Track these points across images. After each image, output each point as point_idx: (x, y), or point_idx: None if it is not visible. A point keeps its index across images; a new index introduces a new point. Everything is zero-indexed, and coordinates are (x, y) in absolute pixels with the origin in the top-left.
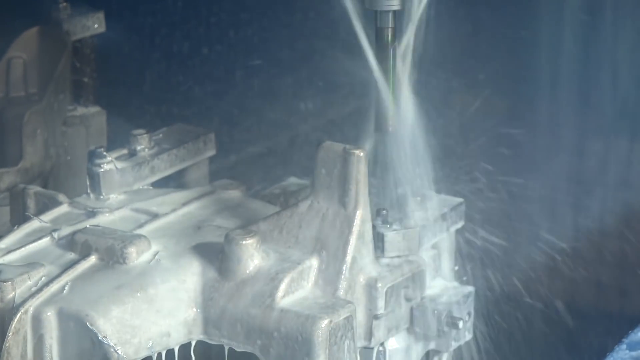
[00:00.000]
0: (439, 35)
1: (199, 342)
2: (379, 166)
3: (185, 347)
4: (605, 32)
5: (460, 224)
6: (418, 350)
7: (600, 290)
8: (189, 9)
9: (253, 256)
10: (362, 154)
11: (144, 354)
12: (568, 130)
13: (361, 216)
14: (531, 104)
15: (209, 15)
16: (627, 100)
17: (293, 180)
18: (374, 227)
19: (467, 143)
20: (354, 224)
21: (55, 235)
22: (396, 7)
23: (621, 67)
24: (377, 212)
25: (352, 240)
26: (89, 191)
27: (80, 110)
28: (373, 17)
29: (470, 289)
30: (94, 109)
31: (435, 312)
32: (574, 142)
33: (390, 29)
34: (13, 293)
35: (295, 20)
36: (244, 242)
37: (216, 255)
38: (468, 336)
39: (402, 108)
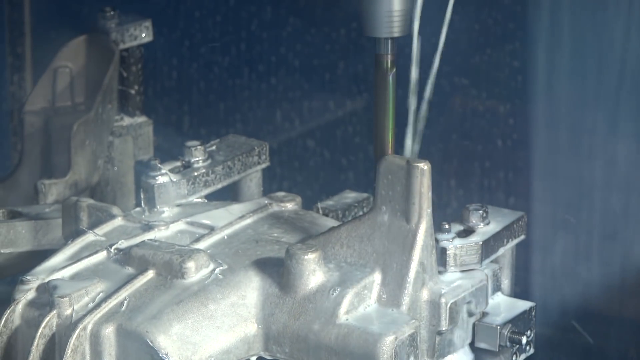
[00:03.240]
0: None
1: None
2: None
3: None
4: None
5: (521, 238)
6: None
7: None
8: (236, 17)
9: (315, 271)
10: (425, 167)
11: None
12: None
13: (424, 230)
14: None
15: (257, 24)
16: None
17: (348, 192)
18: (436, 241)
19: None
20: (417, 238)
21: (111, 249)
22: (395, 34)
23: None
24: (440, 226)
25: (415, 255)
26: (142, 204)
27: (127, 120)
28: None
29: (531, 304)
30: (140, 119)
31: (498, 327)
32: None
33: (389, 56)
34: (70, 309)
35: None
36: (305, 257)
37: (276, 270)
38: (530, 351)
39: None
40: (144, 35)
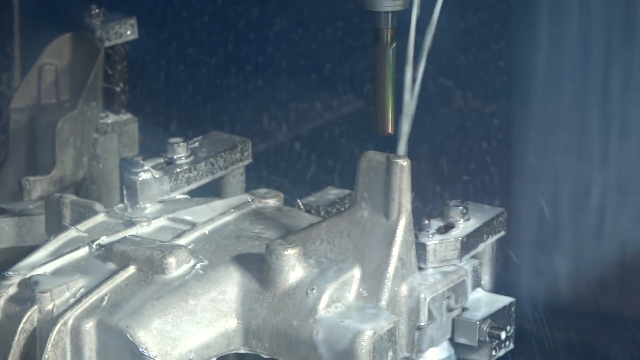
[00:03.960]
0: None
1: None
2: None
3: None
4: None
5: (501, 234)
6: None
7: None
8: (223, 14)
9: (295, 267)
10: (405, 163)
11: None
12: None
13: (404, 226)
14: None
15: (242, 22)
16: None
17: (331, 188)
18: (416, 237)
19: None
20: (397, 234)
21: (93, 245)
22: (397, 8)
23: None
24: (420, 222)
25: (395, 250)
26: (125, 200)
27: (112, 118)
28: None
29: (511, 299)
30: (125, 117)
31: (477, 322)
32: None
33: (389, 30)
34: (52, 304)
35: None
36: (285, 252)
37: (256, 266)
38: (509, 346)
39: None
40: (129, 32)
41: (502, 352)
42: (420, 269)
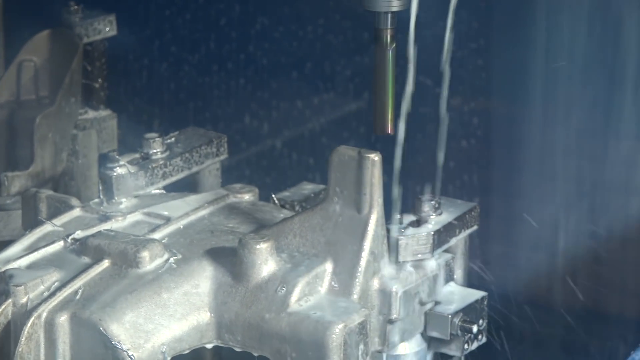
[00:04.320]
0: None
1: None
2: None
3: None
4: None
5: (474, 228)
6: (431, 354)
7: None
8: (204, 10)
9: (267, 261)
10: (376, 158)
11: (157, 358)
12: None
13: (375, 220)
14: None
15: (223, 18)
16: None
17: (306, 184)
18: (388, 231)
19: None
20: (369, 228)
21: (68, 239)
22: (395, 8)
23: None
24: (392, 217)
25: (367, 244)
26: (100, 195)
27: (91, 114)
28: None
29: (483, 293)
30: (105, 113)
31: (449, 316)
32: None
33: (389, 31)
34: (26, 298)
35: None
36: (258, 246)
37: (230, 260)
38: (482, 340)
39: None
40: (107, 29)
41: (474, 346)
42: (392, 262)
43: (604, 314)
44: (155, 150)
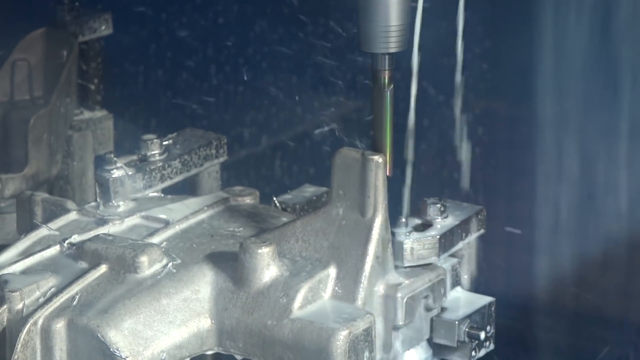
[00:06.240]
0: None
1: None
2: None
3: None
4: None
5: (481, 232)
6: None
7: None
8: (200, 11)
9: (269, 265)
10: (380, 160)
11: None
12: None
13: (380, 224)
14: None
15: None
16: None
17: (307, 186)
18: (393, 235)
19: None
20: (373, 232)
21: (64, 244)
22: (393, 50)
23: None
24: (397, 220)
25: (371, 248)
26: (97, 198)
27: (87, 115)
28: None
29: (490, 299)
30: (100, 113)
31: (456, 322)
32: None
33: (387, 72)
34: (21, 304)
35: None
36: (259, 251)
37: (230, 265)
38: (490, 347)
39: None
40: (103, 28)
41: (482, 353)
42: (397, 267)
43: (613, 320)
44: (153, 152)
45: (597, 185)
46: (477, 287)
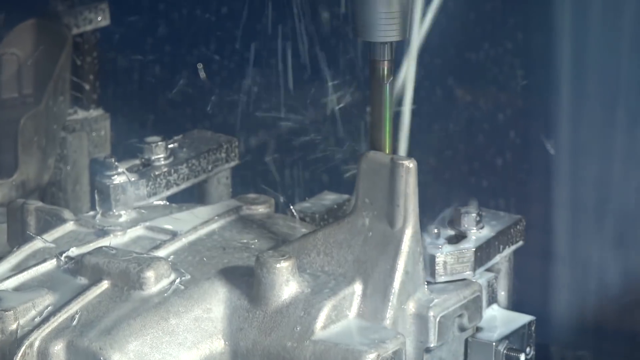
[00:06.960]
0: None
1: None
2: None
3: None
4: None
5: (519, 244)
6: None
7: None
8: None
9: (288, 281)
10: (411, 165)
11: None
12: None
13: (410, 235)
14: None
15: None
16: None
17: (327, 193)
18: (424, 247)
19: None
20: (403, 244)
21: (62, 257)
22: (393, 38)
23: None
24: (428, 231)
25: (401, 263)
26: (97, 207)
27: (82, 114)
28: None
29: (530, 317)
30: (96, 113)
31: (493, 344)
32: None
33: (385, 62)
34: (16, 324)
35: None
36: (278, 265)
37: (245, 281)
38: None
39: None
40: (99, 18)
41: None
42: (428, 283)
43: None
44: (157, 156)
45: None
46: (515, 304)
